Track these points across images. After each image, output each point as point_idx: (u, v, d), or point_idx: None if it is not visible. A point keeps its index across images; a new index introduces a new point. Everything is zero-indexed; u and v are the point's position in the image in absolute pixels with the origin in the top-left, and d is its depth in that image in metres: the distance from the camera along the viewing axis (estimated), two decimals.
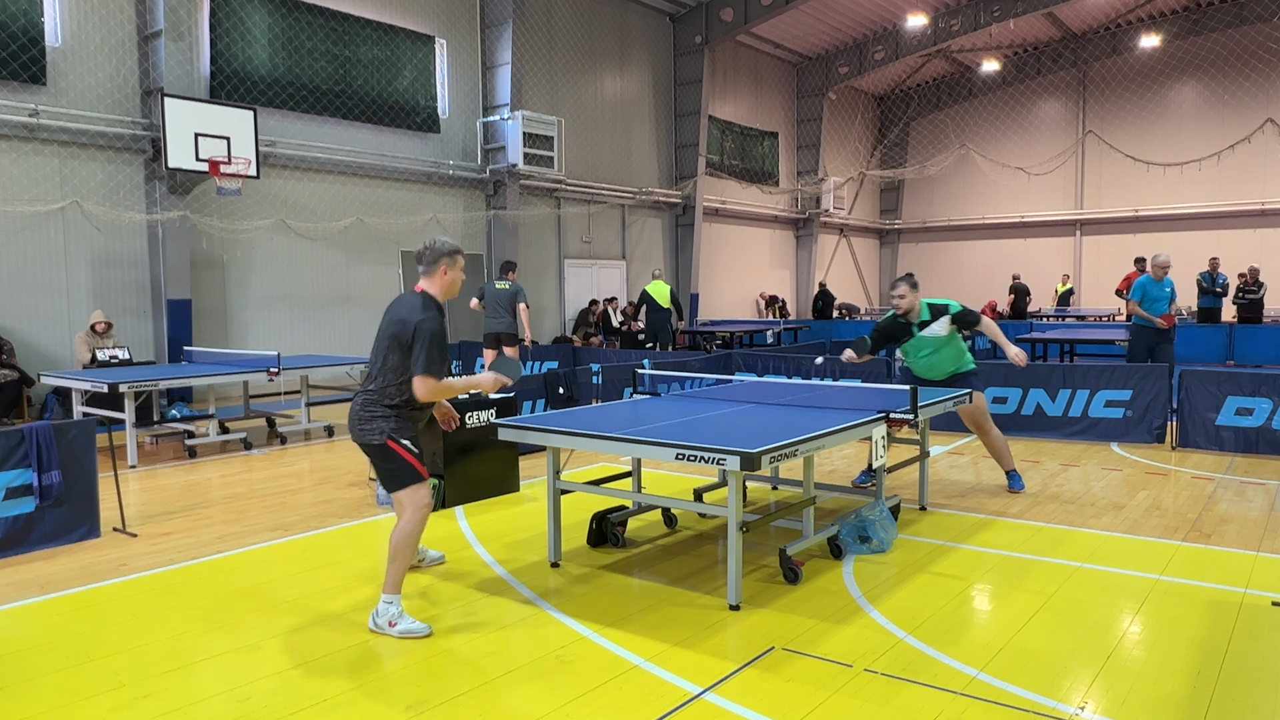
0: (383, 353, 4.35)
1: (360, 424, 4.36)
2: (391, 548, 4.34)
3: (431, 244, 4.52)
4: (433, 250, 4.50)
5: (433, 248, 4.51)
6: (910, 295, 6.93)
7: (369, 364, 4.46)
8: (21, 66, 11.31)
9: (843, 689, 3.69)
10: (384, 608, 4.32)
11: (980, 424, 7.10)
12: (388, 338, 4.33)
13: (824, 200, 26.55)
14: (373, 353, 4.43)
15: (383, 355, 4.35)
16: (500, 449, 7.19)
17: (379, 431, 4.32)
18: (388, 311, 4.47)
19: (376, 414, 4.33)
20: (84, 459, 6.08)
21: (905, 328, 7.05)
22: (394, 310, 4.43)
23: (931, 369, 7.14)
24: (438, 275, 4.49)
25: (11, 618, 4.61)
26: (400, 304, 4.44)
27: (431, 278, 4.50)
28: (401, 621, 4.29)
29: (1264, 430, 8.52)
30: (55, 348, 11.85)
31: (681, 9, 21.63)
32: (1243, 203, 24.50)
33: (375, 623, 4.32)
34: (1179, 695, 3.61)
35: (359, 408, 4.39)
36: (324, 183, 14.81)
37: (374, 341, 4.46)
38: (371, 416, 4.34)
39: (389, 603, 4.32)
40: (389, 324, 4.37)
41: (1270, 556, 5.38)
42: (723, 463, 4.25)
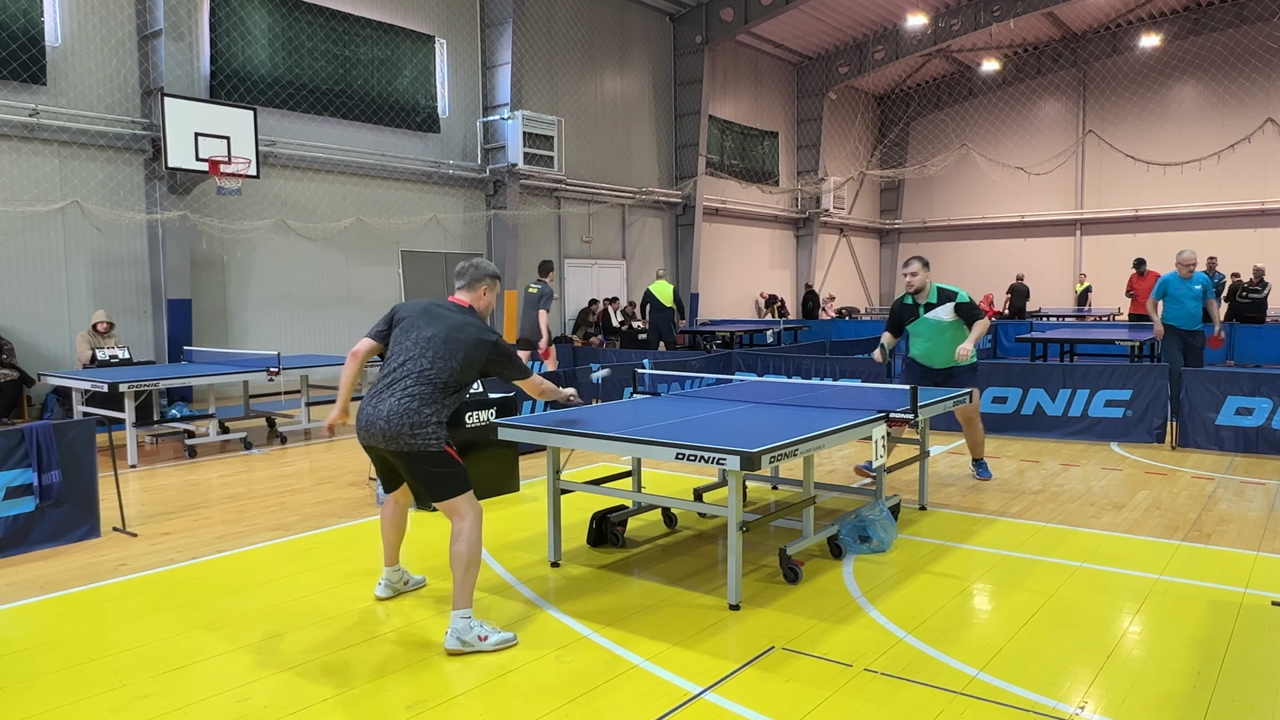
0: (450, 365, 4.19)
1: (413, 427, 4.09)
2: (462, 560, 4.12)
3: (476, 264, 4.50)
4: (478, 269, 4.48)
5: (478, 266, 4.49)
6: (922, 273, 7.14)
7: (414, 371, 4.19)
8: (21, 66, 11.31)
9: (843, 689, 3.69)
10: (465, 624, 4.08)
11: (970, 418, 7.31)
12: (454, 349, 4.21)
13: (824, 200, 26.56)
14: (426, 359, 4.19)
15: (450, 367, 4.19)
16: (500, 449, 7.19)
17: (436, 437, 4.13)
18: (434, 319, 4.30)
19: (432, 418, 4.14)
20: (84, 459, 6.08)
21: (913, 309, 7.24)
22: (448, 320, 4.29)
23: (930, 356, 7.28)
24: (480, 293, 4.48)
25: (11, 618, 4.61)
26: (452, 314, 4.33)
27: (474, 293, 4.46)
28: (493, 633, 4.11)
29: (1264, 430, 8.52)
30: (55, 348, 11.85)
31: (681, 9, 21.63)
32: (1243, 203, 24.51)
33: (461, 641, 4.04)
34: (1179, 695, 3.61)
35: (412, 409, 4.11)
36: (324, 183, 14.82)
37: (413, 347, 4.23)
38: (426, 421, 4.12)
39: (467, 617, 4.10)
40: (454, 334, 4.23)
41: (1270, 556, 5.38)
42: (723, 462, 4.25)
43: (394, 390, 4.17)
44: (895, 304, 7.46)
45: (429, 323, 4.29)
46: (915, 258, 7.23)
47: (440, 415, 4.20)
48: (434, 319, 4.31)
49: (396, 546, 4.81)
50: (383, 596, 4.80)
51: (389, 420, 4.12)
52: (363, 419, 4.23)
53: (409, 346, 4.26)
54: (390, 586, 4.83)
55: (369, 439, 4.24)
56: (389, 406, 4.14)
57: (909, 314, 7.29)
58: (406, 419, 4.11)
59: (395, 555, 4.82)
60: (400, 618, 4.55)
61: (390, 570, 4.84)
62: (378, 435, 4.16)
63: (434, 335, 4.25)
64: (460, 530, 4.19)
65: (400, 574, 4.87)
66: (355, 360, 4.45)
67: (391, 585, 4.83)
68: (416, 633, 4.35)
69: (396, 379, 4.20)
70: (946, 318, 7.13)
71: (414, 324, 4.32)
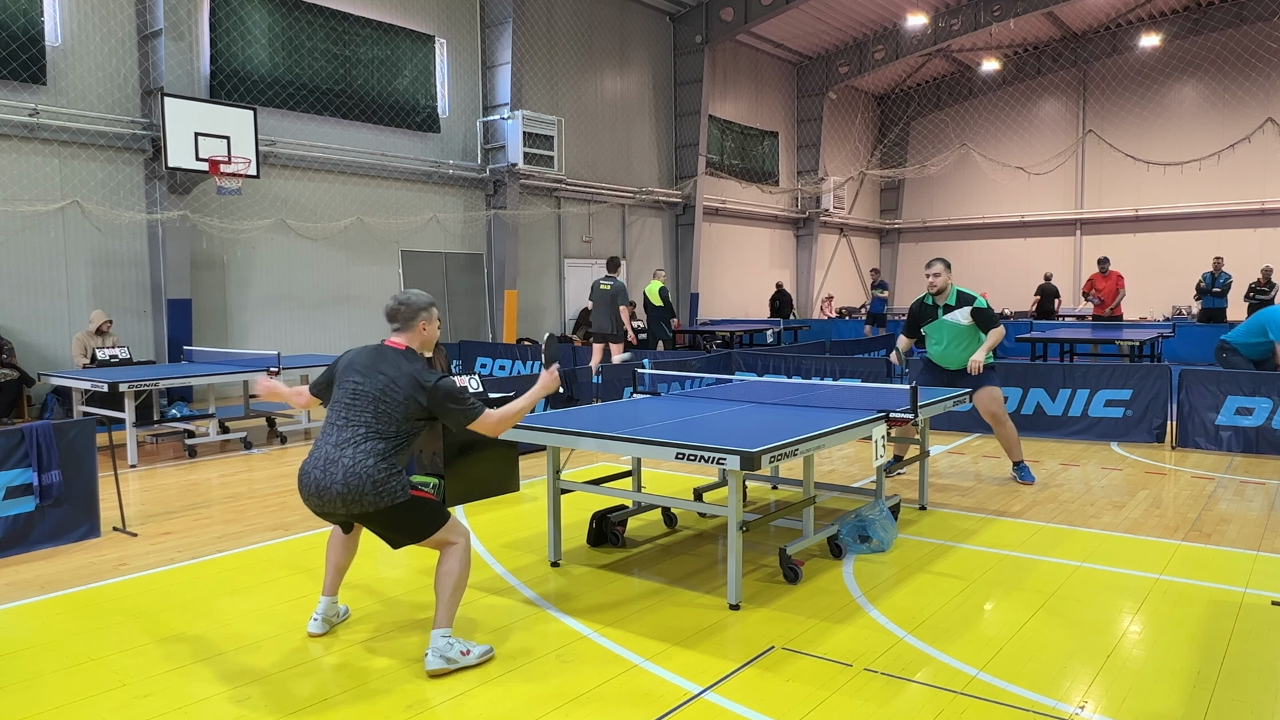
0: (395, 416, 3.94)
1: (375, 485, 3.84)
2: (453, 577, 3.96)
3: (406, 300, 4.16)
4: (409, 307, 4.14)
5: (409, 304, 4.14)
6: (945, 274, 7.16)
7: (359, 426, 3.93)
8: (21, 66, 11.31)
9: (843, 688, 3.69)
10: (446, 643, 3.91)
11: (997, 415, 7.24)
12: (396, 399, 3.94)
13: (824, 200, 26.55)
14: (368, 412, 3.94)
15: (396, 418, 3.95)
16: (500, 449, 7.19)
17: (401, 487, 3.92)
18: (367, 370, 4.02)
19: (392, 472, 3.91)
20: (84, 458, 6.08)
21: (932, 309, 7.25)
22: (383, 369, 4.00)
23: (946, 357, 7.29)
24: (416, 331, 4.14)
25: (11, 618, 4.61)
26: (388, 362, 4.02)
27: (410, 334, 4.13)
28: (474, 648, 3.98)
29: (1264, 430, 8.52)
30: (55, 347, 11.85)
31: (681, 9, 21.63)
32: (1243, 202, 24.50)
33: (445, 658, 3.88)
34: (1179, 695, 3.61)
35: (368, 468, 3.85)
36: (324, 183, 14.81)
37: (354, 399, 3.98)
38: (388, 475, 3.88)
39: (448, 636, 3.94)
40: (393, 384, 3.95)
41: (1270, 556, 5.38)
42: (723, 462, 4.25)
43: (344, 450, 3.90)
44: (915, 304, 7.44)
45: (365, 376, 4.01)
46: (939, 259, 7.24)
47: (397, 465, 3.96)
48: (369, 371, 4.02)
49: (343, 572, 4.44)
50: (316, 633, 4.35)
51: (346, 484, 3.84)
52: (312, 485, 3.92)
53: (349, 403, 4.00)
54: (326, 620, 4.40)
55: (325, 506, 3.93)
56: (343, 469, 3.86)
57: (928, 314, 7.30)
58: (367, 479, 3.84)
59: (338, 584, 4.44)
60: (400, 619, 4.55)
61: (327, 602, 4.42)
62: (335, 501, 3.87)
63: (372, 389, 3.98)
64: (452, 552, 4.01)
65: (336, 606, 4.47)
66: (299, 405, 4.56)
67: (327, 619, 4.40)
68: (417, 634, 4.35)
69: (344, 439, 3.94)
70: (964, 321, 7.14)
71: (351, 378, 4.05)
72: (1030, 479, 7.41)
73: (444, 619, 3.96)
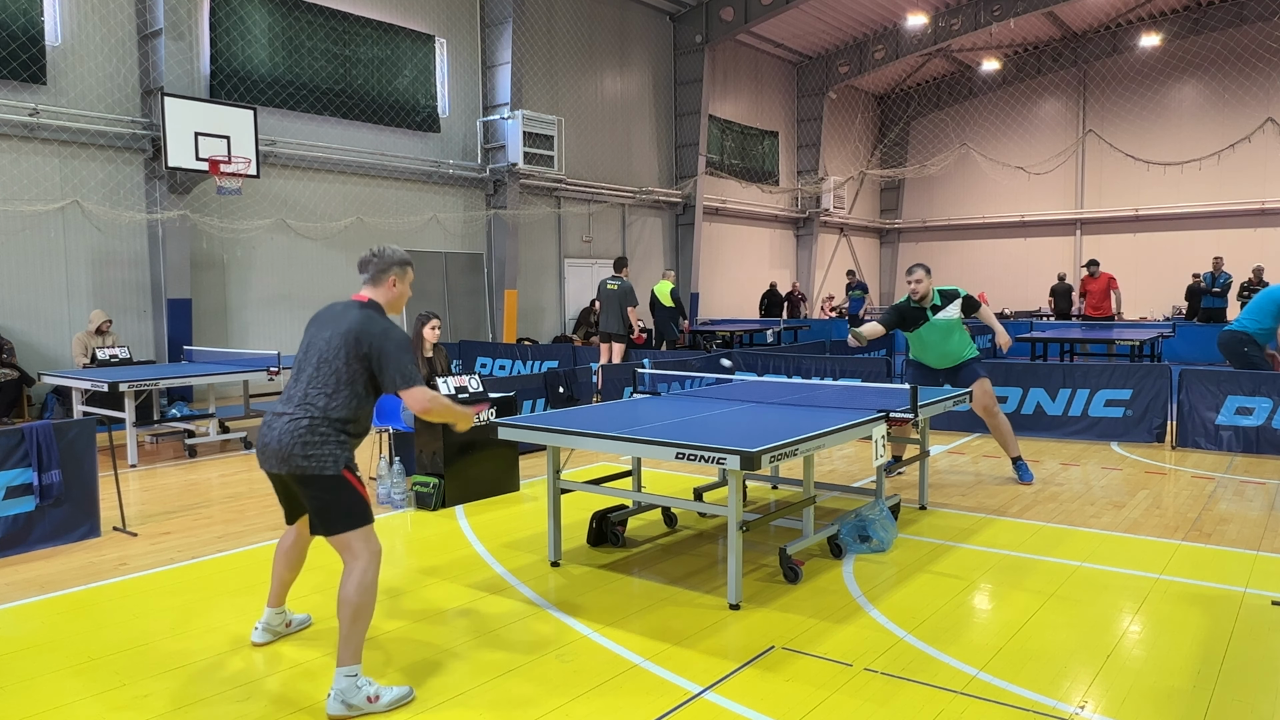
0: (334, 370, 3.68)
1: (305, 449, 3.60)
2: (351, 607, 3.54)
3: (380, 251, 3.94)
4: (381, 259, 3.91)
5: (381, 255, 3.92)
6: (926, 280, 7.26)
7: (302, 383, 3.74)
8: (21, 66, 11.31)
9: (843, 688, 3.69)
10: (349, 683, 3.51)
11: (989, 407, 7.31)
12: (338, 351, 3.68)
13: (824, 200, 26.55)
14: (311, 366, 3.74)
15: (334, 373, 3.68)
16: (500, 448, 7.19)
17: (332, 459, 3.62)
18: (323, 323, 3.82)
19: (329, 438, 3.64)
20: (84, 458, 6.08)
21: (920, 312, 7.33)
22: (336, 321, 3.77)
23: (945, 357, 7.37)
24: (385, 286, 3.90)
25: (11, 618, 4.61)
26: (342, 314, 3.80)
27: (378, 288, 3.89)
28: (385, 693, 3.57)
29: (1264, 430, 8.51)
30: (55, 347, 11.85)
31: (681, 8, 21.63)
32: (1243, 202, 24.49)
33: (346, 704, 3.48)
34: (1179, 694, 3.61)
35: (302, 429, 3.62)
36: (324, 182, 14.81)
37: (302, 358, 3.80)
38: (322, 440, 3.63)
39: (353, 675, 3.53)
40: (338, 335, 3.70)
41: (1270, 556, 5.38)
42: (723, 462, 4.25)
43: (287, 406, 3.73)
44: (903, 303, 7.43)
45: (319, 327, 3.83)
46: (919, 265, 7.33)
47: (338, 432, 3.68)
48: (325, 322, 3.83)
49: (287, 585, 4.24)
50: (259, 642, 4.19)
51: (280, 440, 3.65)
52: (259, 441, 3.78)
53: (299, 357, 3.83)
54: (270, 630, 4.23)
55: (264, 462, 3.76)
56: (280, 426, 3.67)
57: (917, 316, 7.33)
58: (298, 438, 3.62)
59: (283, 596, 4.25)
60: (400, 619, 4.55)
61: (272, 612, 4.23)
62: (271, 457, 3.70)
63: (320, 339, 3.78)
64: (351, 571, 3.61)
65: (283, 616, 4.29)
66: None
67: (271, 628, 4.24)
68: (419, 633, 4.35)
69: (289, 395, 3.77)
70: (955, 314, 7.30)
71: (309, 333, 3.88)
72: (1029, 478, 7.45)
73: (345, 655, 3.55)
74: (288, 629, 4.32)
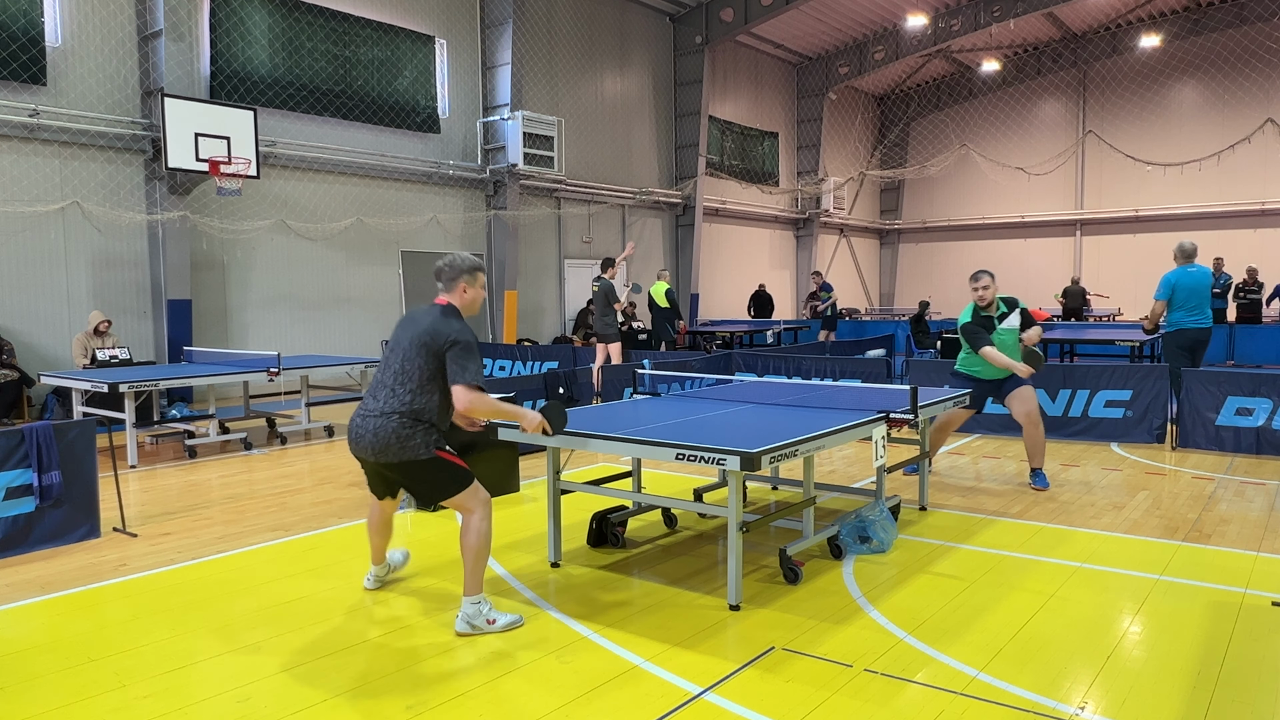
0: (416, 367, 4.16)
1: (400, 443, 4.14)
2: (473, 551, 4.25)
3: (451, 261, 4.34)
4: (452, 267, 4.32)
5: (452, 265, 4.33)
6: (992, 285, 7.07)
7: (389, 380, 4.23)
8: (21, 66, 11.31)
9: (843, 689, 3.69)
10: (474, 609, 4.27)
11: (1032, 414, 7.15)
12: (417, 350, 4.15)
13: (824, 200, 26.55)
14: (395, 368, 4.21)
15: (417, 370, 4.16)
16: (500, 449, 7.18)
17: (424, 446, 4.18)
18: (407, 324, 4.29)
19: (417, 429, 4.17)
20: (84, 459, 6.08)
21: (989, 321, 7.10)
22: (417, 322, 4.23)
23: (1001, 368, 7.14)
24: (458, 292, 4.32)
25: (11, 618, 4.61)
26: (423, 316, 4.26)
27: (452, 294, 4.33)
28: (500, 617, 4.31)
29: (1264, 430, 8.52)
30: (55, 348, 11.85)
31: (681, 9, 21.64)
32: (1243, 203, 24.50)
33: (471, 624, 4.25)
34: (1179, 695, 3.61)
35: (395, 427, 4.14)
36: (324, 183, 14.82)
37: (389, 356, 4.28)
38: (411, 432, 4.15)
39: (478, 603, 4.28)
40: (417, 336, 4.16)
41: (1270, 556, 5.38)
42: (723, 463, 4.25)
43: (377, 402, 4.23)
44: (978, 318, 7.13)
45: (404, 329, 4.30)
46: (984, 271, 7.14)
47: (427, 420, 4.19)
48: (407, 324, 4.31)
49: (383, 549, 4.94)
50: (371, 587, 4.96)
51: (375, 435, 4.18)
52: (352, 432, 4.30)
53: (386, 355, 4.34)
54: (378, 579, 4.99)
55: (359, 452, 4.32)
56: (374, 423, 4.20)
57: (987, 326, 7.09)
58: (391, 434, 4.15)
59: (382, 556, 4.97)
60: (400, 619, 4.55)
61: (377, 568, 4.99)
62: (366, 449, 4.25)
63: (404, 339, 4.25)
64: (469, 524, 4.29)
65: (386, 567, 5.03)
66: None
67: (379, 578, 4.99)
68: (416, 634, 4.35)
69: (376, 391, 4.28)
70: (1016, 324, 7.13)
71: (395, 333, 4.37)
72: (1045, 485, 7.25)
73: (471, 586, 4.29)
74: (390, 573, 5.08)
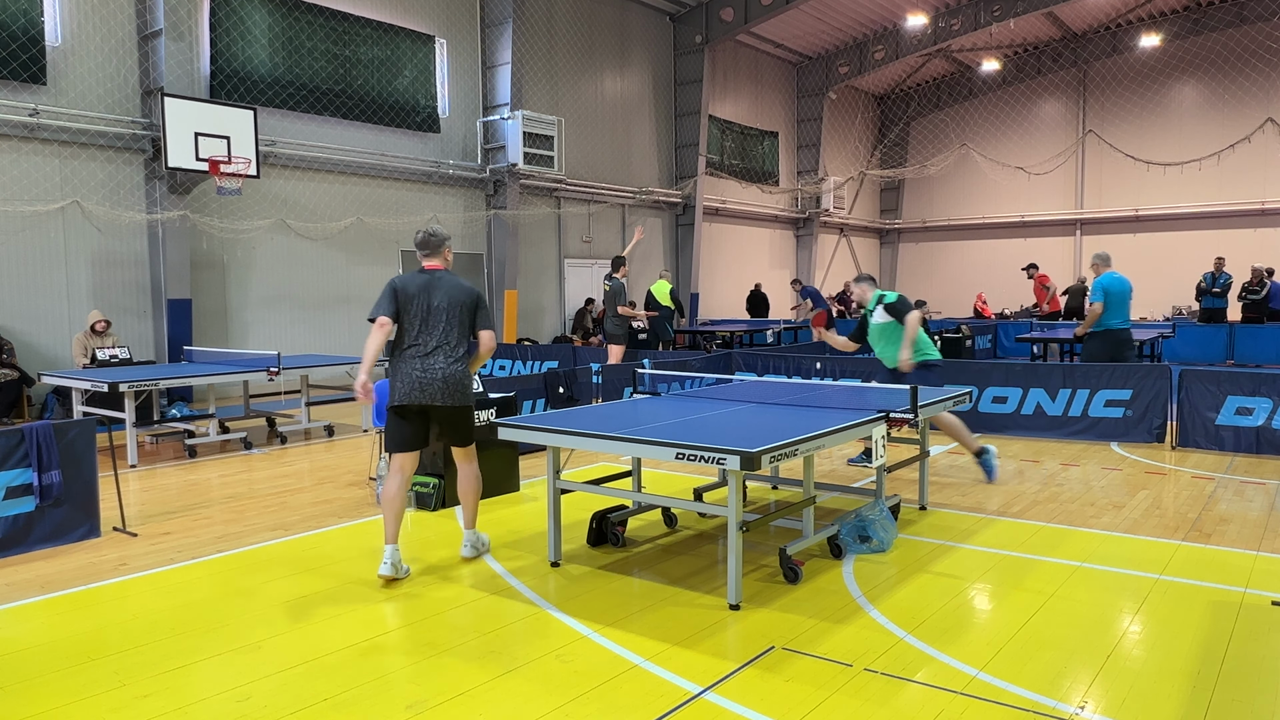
0: (459, 322, 5.10)
1: (464, 389, 5.10)
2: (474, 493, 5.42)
3: (433, 231, 5.29)
4: (436, 236, 5.28)
5: (435, 234, 5.29)
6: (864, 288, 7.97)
7: (439, 334, 5.06)
8: (21, 66, 11.31)
9: (843, 689, 3.69)
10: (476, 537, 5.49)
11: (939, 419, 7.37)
12: (459, 308, 5.10)
13: (824, 200, 26.54)
14: (443, 319, 5.07)
15: (461, 325, 5.11)
16: (500, 449, 7.18)
17: (476, 390, 5.24)
18: (435, 289, 5.11)
19: (468, 377, 5.15)
20: (84, 459, 6.08)
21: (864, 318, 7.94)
22: (449, 286, 5.14)
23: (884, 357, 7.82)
24: (445, 255, 5.29)
25: (11, 618, 4.61)
26: (449, 281, 5.17)
27: (441, 256, 5.27)
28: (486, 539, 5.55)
29: (1264, 430, 8.51)
30: (55, 348, 11.85)
31: (681, 9, 21.63)
32: (1243, 202, 24.50)
33: (474, 547, 5.44)
34: (1179, 695, 3.61)
35: (462, 374, 5.08)
36: (324, 183, 14.81)
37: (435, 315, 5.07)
38: (469, 380, 5.15)
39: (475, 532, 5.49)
40: (456, 297, 5.10)
41: (1270, 556, 5.38)
42: (723, 462, 4.25)
43: (439, 354, 5.05)
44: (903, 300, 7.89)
45: (436, 293, 5.12)
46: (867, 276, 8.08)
47: (469, 372, 5.17)
48: (435, 288, 5.14)
49: (399, 519, 5.18)
50: (385, 575, 5.04)
51: (447, 381, 5.04)
52: (413, 380, 5.01)
53: (434, 316, 5.08)
54: (394, 565, 5.07)
55: (426, 397, 5.01)
56: (442, 370, 5.03)
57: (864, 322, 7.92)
58: (462, 380, 5.10)
59: (397, 530, 5.15)
60: (400, 619, 4.55)
61: (392, 549, 5.09)
62: (437, 393, 5.02)
63: (445, 302, 5.10)
64: (472, 470, 5.38)
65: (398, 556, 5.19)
66: (383, 331, 5.05)
67: (395, 564, 5.08)
68: (417, 633, 4.35)
69: (437, 345, 5.06)
70: (883, 319, 7.68)
71: (424, 297, 5.10)
72: (992, 476, 7.38)
73: (473, 520, 5.46)
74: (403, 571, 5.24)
